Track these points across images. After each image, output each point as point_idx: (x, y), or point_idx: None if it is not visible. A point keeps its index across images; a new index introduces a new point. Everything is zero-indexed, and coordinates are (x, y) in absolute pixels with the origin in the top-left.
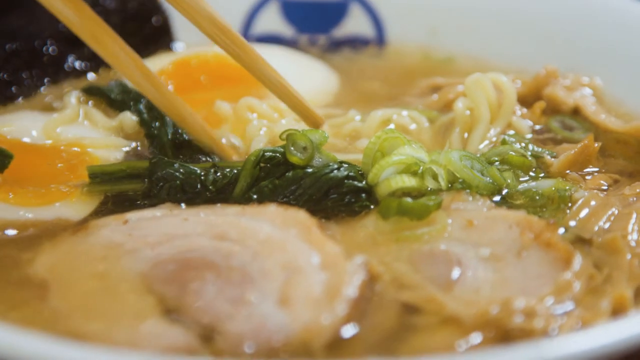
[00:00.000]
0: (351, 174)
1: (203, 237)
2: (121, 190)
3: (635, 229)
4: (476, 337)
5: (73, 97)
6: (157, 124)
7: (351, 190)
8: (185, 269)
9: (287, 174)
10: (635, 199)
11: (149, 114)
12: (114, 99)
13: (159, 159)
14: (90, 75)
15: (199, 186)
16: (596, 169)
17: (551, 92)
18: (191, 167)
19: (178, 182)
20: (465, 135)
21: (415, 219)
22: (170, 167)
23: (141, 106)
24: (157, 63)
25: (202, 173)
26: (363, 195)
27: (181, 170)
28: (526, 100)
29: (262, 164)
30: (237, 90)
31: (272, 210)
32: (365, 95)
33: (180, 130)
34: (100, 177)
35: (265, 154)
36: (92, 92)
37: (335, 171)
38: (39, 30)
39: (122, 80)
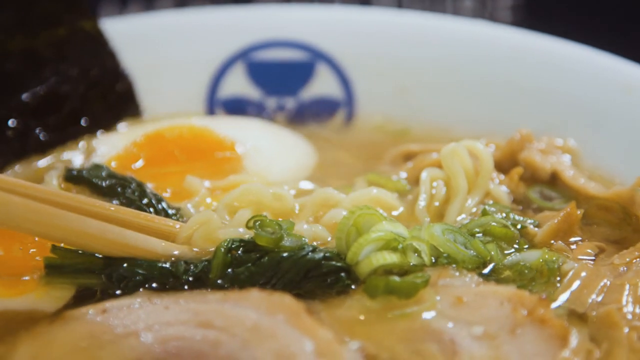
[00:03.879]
0: (327, 254)
1: (187, 325)
2: (80, 284)
3: (630, 300)
4: None
5: (53, 178)
6: (151, 210)
7: (331, 271)
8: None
9: (262, 259)
10: (625, 268)
11: (140, 200)
12: (99, 186)
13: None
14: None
15: (171, 279)
16: (579, 238)
17: (527, 156)
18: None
19: (139, 277)
20: (436, 203)
21: (404, 297)
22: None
23: (129, 192)
24: (128, 135)
25: (170, 266)
26: (343, 274)
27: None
28: (501, 166)
29: (232, 252)
30: (210, 163)
31: (255, 295)
32: (337, 167)
33: None
34: (58, 269)
35: (234, 242)
36: (74, 180)
37: (311, 253)
38: None
39: (103, 164)
